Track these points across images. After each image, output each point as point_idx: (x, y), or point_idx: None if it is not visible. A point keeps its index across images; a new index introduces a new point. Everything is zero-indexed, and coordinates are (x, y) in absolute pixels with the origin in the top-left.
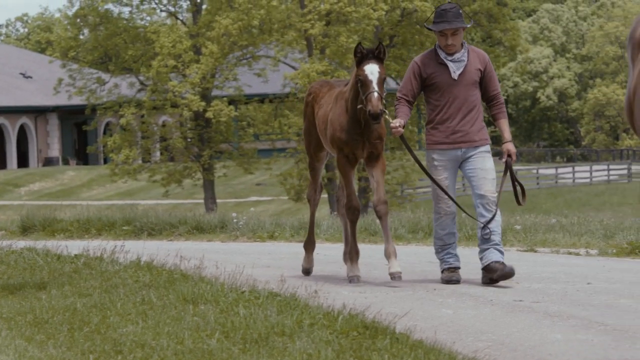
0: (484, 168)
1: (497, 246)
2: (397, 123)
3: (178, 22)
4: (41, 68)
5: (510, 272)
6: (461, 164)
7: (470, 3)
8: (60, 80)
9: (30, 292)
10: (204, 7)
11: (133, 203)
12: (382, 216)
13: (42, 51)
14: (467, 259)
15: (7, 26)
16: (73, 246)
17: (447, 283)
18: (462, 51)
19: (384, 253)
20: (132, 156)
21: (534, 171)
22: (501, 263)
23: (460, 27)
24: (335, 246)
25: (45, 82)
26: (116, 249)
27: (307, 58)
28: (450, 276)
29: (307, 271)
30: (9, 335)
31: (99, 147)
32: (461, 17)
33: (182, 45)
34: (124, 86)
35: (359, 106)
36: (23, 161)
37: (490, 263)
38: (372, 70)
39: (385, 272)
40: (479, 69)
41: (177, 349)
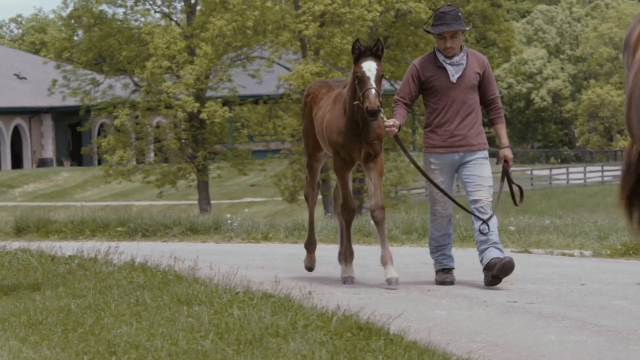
0: (481, 175)
1: (496, 244)
2: (391, 122)
3: (172, 23)
4: (35, 69)
5: (509, 263)
6: (458, 168)
7: (464, 4)
8: (54, 81)
9: (24, 293)
10: (198, 8)
11: (127, 204)
12: (379, 222)
13: (36, 52)
14: (462, 260)
15: (1, 27)
16: (67, 247)
17: (441, 284)
18: (461, 54)
19: (381, 260)
20: (126, 157)
21: (528, 172)
22: (500, 258)
23: (459, 30)
24: (329, 247)
25: (39, 83)
26: (110, 250)
27: (302, 59)
28: (444, 277)
29: (310, 269)
30: (3, 336)
31: (93, 148)
32: (460, 20)
33: (176, 46)
34: (118, 87)
35: (355, 102)
36: (17, 162)
37: (490, 261)
38: (370, 67)
39: (379, 274)
40: (478, 73)
41: (171, 350)
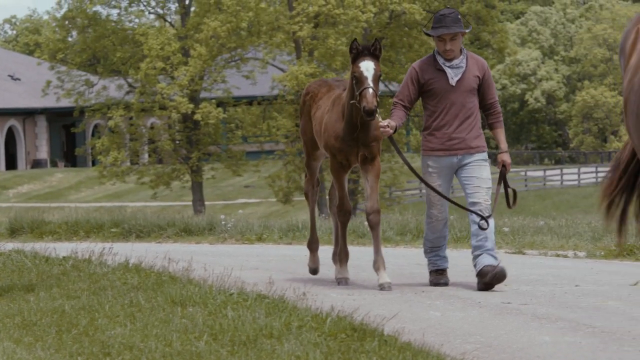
0: (480, 177)
1: (490, 251)
2: (386, 122)
3: (166, 25)
4: (29, 70)
5: (501, 272)
6: (457, 171)
7: (458, 5)
8: (48, 82)
9: (18, 294)
10: (192, 10)
11: (121, 205)
12: (374, 226)
13: (31, 53)
14: (456, 261)
15: None
16: (61, 248)
17: (435, 285)
18: (461, 57)
19: (373, 265)
20: (121, 158)
21: (522, 173)
22: (492, 266)
23: (458, 32)
24: (323, 248)
25: (33, 84)
26: (104, 251)
27: (296, 60)
28: (438, 278)
29: (314, 271)
30: None
31: (87, 149)
32: (460, 23)
33: (171, 47)
34: (113, 88)
35: (352, 101)
36: (11, 163)
37: (482, 268)
38: (368, 66)
39: (373, 275)
40: (477, 76)
41: (166, 351)
